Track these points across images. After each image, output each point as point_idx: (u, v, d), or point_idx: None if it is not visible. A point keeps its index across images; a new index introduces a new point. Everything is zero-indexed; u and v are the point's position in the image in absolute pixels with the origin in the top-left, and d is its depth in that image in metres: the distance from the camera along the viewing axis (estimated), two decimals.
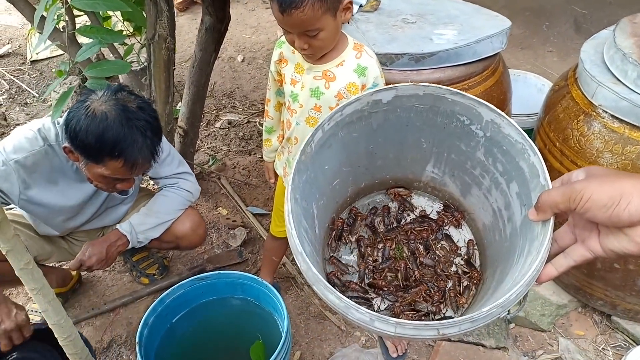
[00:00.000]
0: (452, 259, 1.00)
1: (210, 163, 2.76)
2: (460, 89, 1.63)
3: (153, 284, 2.06)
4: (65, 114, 1.42)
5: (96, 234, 1.81)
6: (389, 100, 0.82)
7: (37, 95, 3.44)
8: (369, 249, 1.01)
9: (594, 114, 1.55)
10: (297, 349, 1.87)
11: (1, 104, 3.39)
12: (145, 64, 2.57)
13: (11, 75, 3.68)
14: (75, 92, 2.95)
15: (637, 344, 1.76)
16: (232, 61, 3.66)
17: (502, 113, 0.79)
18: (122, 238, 1.64)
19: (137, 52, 2.67)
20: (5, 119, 3.25)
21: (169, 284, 2.08)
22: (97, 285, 2.12)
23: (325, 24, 1.22)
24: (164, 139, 1.69)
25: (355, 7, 1.87)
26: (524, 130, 2.41)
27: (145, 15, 1.91)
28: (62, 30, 1.78)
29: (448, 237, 1.03)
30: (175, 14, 4.24)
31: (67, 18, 1.79)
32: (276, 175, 1.72)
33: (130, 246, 1.67)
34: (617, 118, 1.50)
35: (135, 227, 1.65)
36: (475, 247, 1.01)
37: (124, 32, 2.31)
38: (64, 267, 2.08)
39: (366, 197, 1.06)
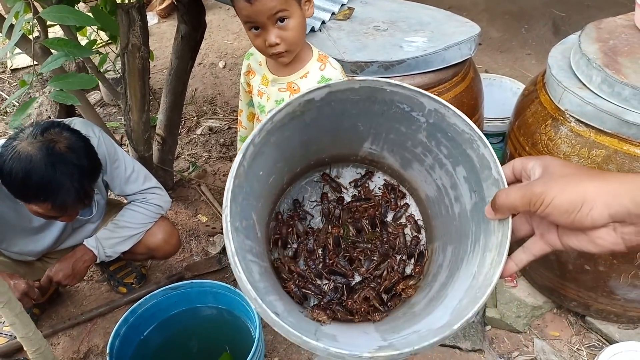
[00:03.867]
0: (399, 232, 1.00)
1: (191, 170, 2.77)
2: None
3: (131, 293, 2.05)
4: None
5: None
6: (322, 97, 0.78)
7: (17, 105, 3.42)
8: (314, 251, 0.96)
9: (561, 118, 1.58)
10: (275, 355, 1.87)
11: None
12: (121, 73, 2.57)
13: None
14: (55, 103, 2.94)
15: (610, 344, 1.78)
16: (214, 67, 3.66)
17: (447, 103, 0.77)
18: (88, 253, 1.64)
19: (112, 62, 2.67)
20: None
21: (147, 293, 2.07)
22: (75, 295, 2.11)
23: (293, 10, 1.23)
24: (125, 155, 1.68)
25: (328, 15, 1.88)
26: (501, 134, 2.42)
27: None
28: (33, 40, 1.78)
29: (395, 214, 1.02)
30: (157, 21, 4.26)
31: (39, 28, 1.78)
32: None
33: (98, 260, 1.66)
34: (582, 122, 1.52)
35: (102, 241, 1.64)
36: (420, 219, 1.01)
37: (99, 41, 2.30)
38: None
39: (303, 179, 1.03)
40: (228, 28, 4.12)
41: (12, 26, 1.72)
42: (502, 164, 1.44)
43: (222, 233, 2.37)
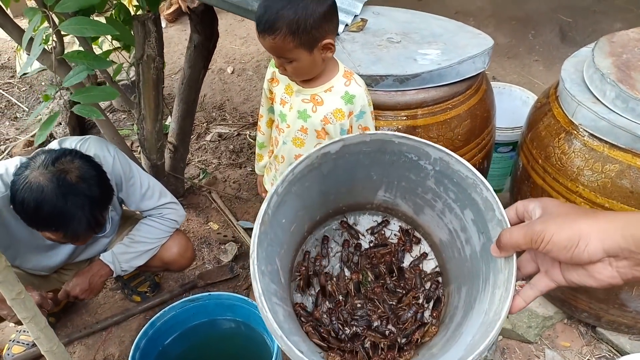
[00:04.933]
0: (416, 281, 1.03)
1: (201, 177, 2.78)
2: (444, 108, 1.68)
3: (145, 302, 2.07)
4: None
5: (84, 265, 1.82)
6: (337, 150, 0.86)
7: (27, 110, 3.44)
8: (334, 297, 1.00)
9: (575, 132, 1.59)
10: None
11: None
12: (133, 79, 2.57)
13: (0, 88, 3.67)
14: (66, 109, 2.96)
15: (621, 355, 1.80)
16: (222, 73, 3.68)
17: (451, 152, 0.83)
18: (105, 267, 1.66)
19: (126, 70, 2.69)
20: None
21: (161, 301, 2.10)
22: (89, 303, 2.13)
23: (299, 56, 1.27)
24: (140, 171, 1.69)
25: (342, 27, 1.90)
26: (511, 144, 2.43)
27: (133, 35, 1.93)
28: (50, 51, 1.79)
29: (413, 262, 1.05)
30: (165, 25, 4.27)
31: (55, 38, 1.79)
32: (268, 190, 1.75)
33: (114, 275, 1.68)
34: (596, 137, 1.53)
35: (118, 256, 1.66)
36: (437, 266, 1.04)
37: (112, 47, 2.32)
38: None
39: (322, 227, 1.08)
40: (235, 33, 4.14)
41: (31, 39, 1.73)
42: (515, 174, 1.54)
43: (234, 241, 2.39)
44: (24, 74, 3.75)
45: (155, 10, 1.93)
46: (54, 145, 1.55)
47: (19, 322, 1.62)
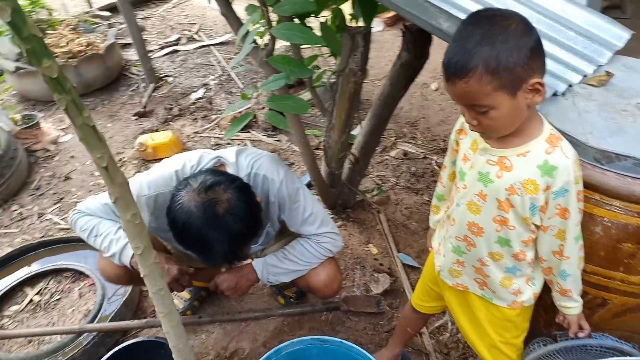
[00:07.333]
0: None
1: (375, 193, 2.68)
2: None
3: (286, 307, 2.07)
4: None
5: None
6: None
7: (242, 87, 3.75)
8: None
9: None
10: None
11: (211, 88, 3.78)
12: (333, 81, 2.56)
13: (226, 62, 4.07)
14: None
15: None
16: (425, 88, 3.50)
17: None
18: (253, 273, 1.67)
19: (327, 77, 2.70)
20: (210, 103, 3.61)
21: (301, 312, 2.07)
22: None
23: (497, 102, 1.02)
24: (307, 197, 1.64)
25: (578, 77, 1.56)
26: None
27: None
28: (262, 47, 1.84)
29: None
30: (382, 29, 4.25)
31: (269, 37, 1.84)
32: None
33: (260, 283, 1.69)
34: None
35: (268, 267, 1.66)
36: None
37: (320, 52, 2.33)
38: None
39: None
40: None
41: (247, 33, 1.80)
42: None
43: (388, 273, 2.24)
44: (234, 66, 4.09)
45: (369, 23, 1.84)
46: (230, 153, 1.59)
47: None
